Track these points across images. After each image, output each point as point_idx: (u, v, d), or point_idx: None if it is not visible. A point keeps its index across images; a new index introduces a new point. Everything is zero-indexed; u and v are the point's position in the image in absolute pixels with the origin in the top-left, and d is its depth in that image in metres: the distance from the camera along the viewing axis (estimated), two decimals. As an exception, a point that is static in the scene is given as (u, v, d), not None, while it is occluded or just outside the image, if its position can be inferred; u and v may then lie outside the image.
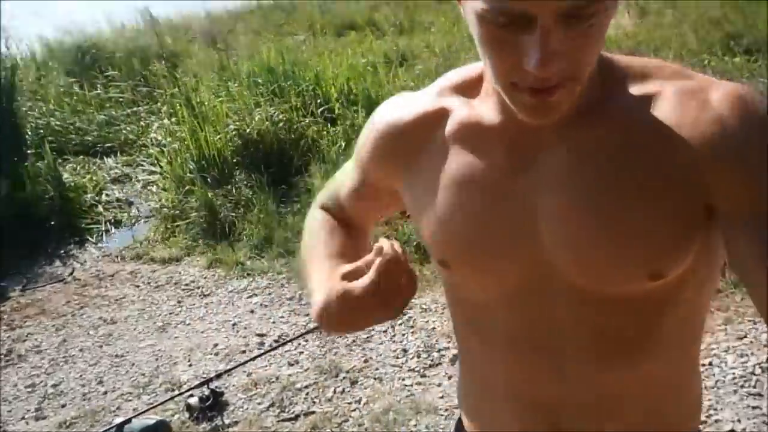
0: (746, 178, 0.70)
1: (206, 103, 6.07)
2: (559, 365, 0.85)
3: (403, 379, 2.99)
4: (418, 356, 3.14)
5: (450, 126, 0.86)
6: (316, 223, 1.06)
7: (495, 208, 0.81)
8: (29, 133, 6.10)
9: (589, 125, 0.77)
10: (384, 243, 0.79)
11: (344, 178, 1.05)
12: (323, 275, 0.90)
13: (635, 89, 0.77)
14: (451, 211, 0.84)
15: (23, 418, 3.09)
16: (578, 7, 0.62)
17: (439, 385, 2.92)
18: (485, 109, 0.83)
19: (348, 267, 0.83)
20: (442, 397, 2.83)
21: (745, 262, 0.70)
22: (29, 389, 3.31)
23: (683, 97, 0.74)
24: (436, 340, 3.23)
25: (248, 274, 4.23)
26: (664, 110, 0.74)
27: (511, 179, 0.80)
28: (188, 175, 5.40)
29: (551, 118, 0.73)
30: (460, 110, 0.86)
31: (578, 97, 0.75)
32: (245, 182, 5.19)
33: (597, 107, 0.77)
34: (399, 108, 0.93)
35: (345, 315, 0.81)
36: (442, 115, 0.87)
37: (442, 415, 2.72)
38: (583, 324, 0.82)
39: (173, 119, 6.49)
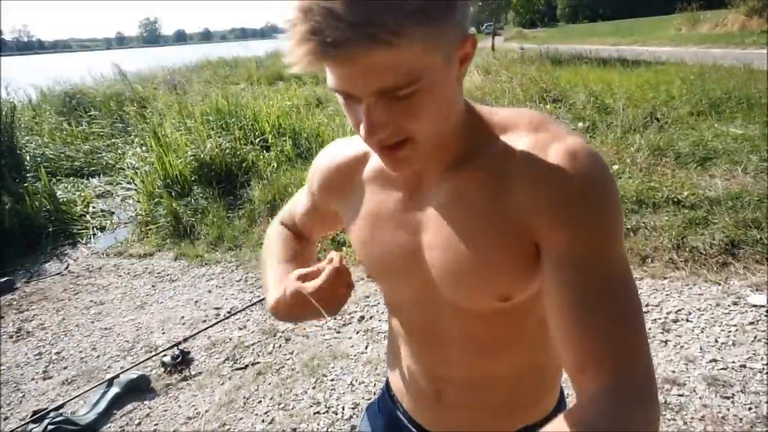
0: (560, 226, 0.62)
1: (169, 135, 5.91)
2: (443, 355, 0.81)
3: (324, 335, 3.00)
4: (334, 318, 3.13)
5: (368, 168, 0.81)
6: (274, 234, 1.00)
7: (395, 238, 0.76)
8: (28, 160, 5.75)
9: (462, 172, 0.70)
10: (334, 255, 0.75)
11: (298, 202, 0.98)
12: (277, 276, 0.86)
13: (497, 141, 0.68)
14: (368, 239, 0.80)
15: (33, 378, 2.94)
16: (392, 89, 0.56)
17: (350, 338, 2.96)
18: None
19: (303, 270, 0.77)
20: (352, 347, 2.87)
21: (549, 296, 0.63)
22: (37, 357, 3.15)
23: (531, 150, 0.65)
24: (347, 306, 3.24)
25: (206, 264, 4.16)
26: (514, 161, 0.66)
27: (408, 214, 0.75)
28: (157, 190, 5.25)
29: (408, 170, 0.68)
30: (375, 156, 0.78)
31: (451, 144, 0.69)
32: (201, 195, 5.11)
33: (469, 155, 0.69)
34: (335, 151, 0.87)
35: (294, 308, 0.77)
36: (363, 158, 0.82)
37: (352, 359, 2.76)
38: (461, 327, 0.77)
39: (144, 148, 6.28)
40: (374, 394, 1.17)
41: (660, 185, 4.02)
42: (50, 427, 2.42)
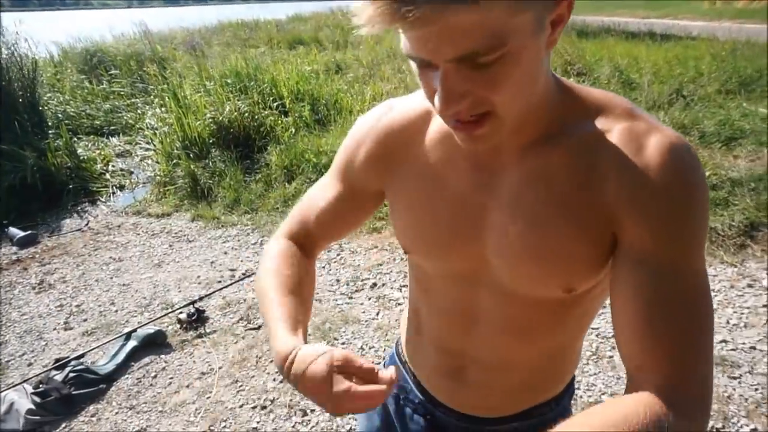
0: (647, 222, 0.58)
1: (188, 97, 5.91)
2: (472, 332, 0.79)
3: (336, 300, 3.04)
4: (347, 284, 3.20)
5: (432, 130, 0.72)
6: (277, 250, 0.82)
7: (454, 216, 0.70)
8: (49, 116, 5.81)
9: (545, 153, 0.64)
10: (393, 372, 0.61)
11: (317, 196, 0.84)
12: (288, 320, 0.71)
13: (589, 123, 0.63)
14: (424, 213, 0.73)
15: (55, 329, 3.05)
16: (473, 54, 0.50)
17: (362, 304, 3.00)
18: None
19: (347, 357, 0.63)
20: (363, 312, 2.91)
21: (620, 292, 0.60)
22: (58, 308, 3.26)
23: (625, 138, 0.60)
24: (360, 273, 3.29)
25: (222, 226, 4.21)
26: (606, 147, 0.61)
27: (471, 193, 0.69)
28: (175, 151, 5.29)
29: (483, 147, 0.61)
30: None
31: (533, 123, 0.63)
32: (219, 157, 5.14)
33: (554, 137, 0.63)
34: (388, 117, 0.76)
35: (305, 386, 0.62)
36: (427, 118, 0.73)
37: (363, 324, 2.80)
38: (504, 311, 0.74)
39: (163, 109, 6.30)
40: (384, 359, 1.16)
41: (681, 164, 3.94)
42: (71, 374, 2.52)
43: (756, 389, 2.14)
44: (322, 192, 0.84)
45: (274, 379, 2.48)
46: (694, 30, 10.33)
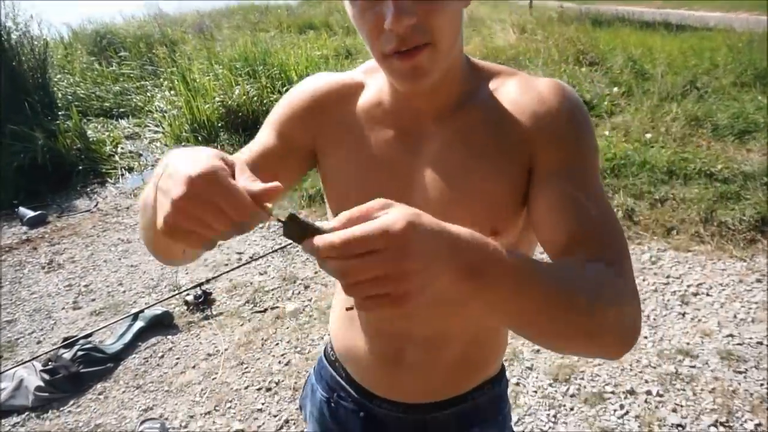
0: (555, 143, 0.68)
1: (198, 80, 5.91)
2: (407, 310, 0.76)
3: None
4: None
5: (361, 100, 0.78)
6: None
7: (382, 180, 0.74)
8: (60, 98, 5.83)
9: (460, 116, 0.72)
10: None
11: (248, 148, 0.80)
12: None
13: (488, 85, 0.74)
14: (348, 177, 0.77)
15: (63, 308, 3.09)
16: None
17: None
18: (386, 93, 0.76)
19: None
20: None
21: (542, 200, 0.67)
22: (67, 288, 3.30)
23: (519, 86, 0.72)
24: None
25: (230, 210, 4.23)
26: (508, 100, 0.71)
27: (398, 157, 0.74)
28: (184, 134, 5.31)
29: (423, 83, 0.66)
30: (371, 89, 0.78)
31: (452, 86, 0.71)
32: (227, 141, 5.16)
33: (465, 101, 0.73)
34: (323, 78, 0.81)
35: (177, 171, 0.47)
36: (357, 88, 0.79)
37: None
38: None
39: (172, 92, 6.30)
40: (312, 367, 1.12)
41: (693, 156, 3.91)
42: (80, 353, 2.55)
43: (761, 384, 2.13)
44: (253, 144, 0.80)
45: (279, 362, 2.50)
46: (711, 20, 10.16)
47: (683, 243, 3.19)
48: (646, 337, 2.45)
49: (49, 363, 2.53)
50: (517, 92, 0.72)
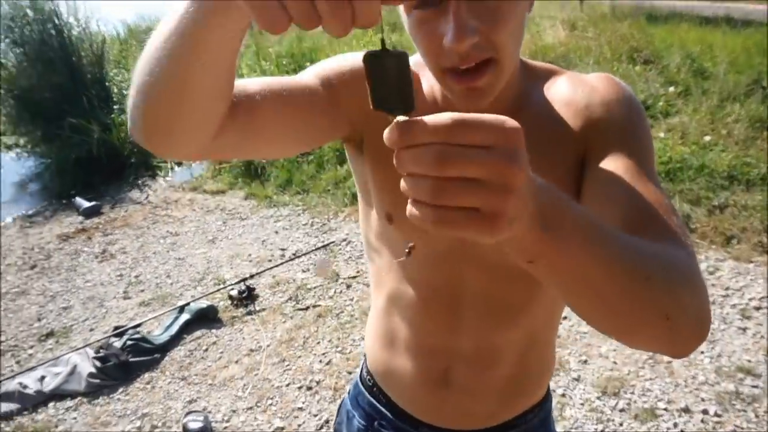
0: (610, 128, 0.65)
1: (245, 76, 6.00)
2: (456, 321, 0.76)
3: None
4: None
5: (432, 92, 0.72)
6: None
7: None
8: (115, 92, 6.03)
9: (516, 118, 0.65)
10: None
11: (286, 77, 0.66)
12: None
13: (541, 87, 0.71)
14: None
15: (114, 297, 3.20)
16: None
17: None
18: (439, 91, 0.71)
19: None
20: None
21: (596, 192, 0.63)
22: (118, 278, 3.41)
23: (572, 83, 0.70)
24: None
25: (274, 205, 4.27)
26: (561, 95, 0.69)
27: None
28: (232, 130, 5.40)
29: (483, 103, 0.61)
30: (425, 84, 0.72)
31: (508, 91, 0.67)
32: (274, 138, 5.21)
33: (520, 100, 0.70)
34: None
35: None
36: (417, 78, 0.72)
37: None
38: (482, 288, 0.73)
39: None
40: (348, 391, 1.04)
41: (757, 161, 3.69)
42: (129, 342, 2.63)
43: (831, 409, 1.99)
44: (299, 74, 0.70)
45: (320, 361, 2.50)
46: (777, 16, 9.60)
47: (744, 253, 3.02)
48: (702, 352, 2.33)
49: (101, 350, 2.61)
50: (570, 89, 0.70)
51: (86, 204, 4.39)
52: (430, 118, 0.36)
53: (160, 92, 0.48)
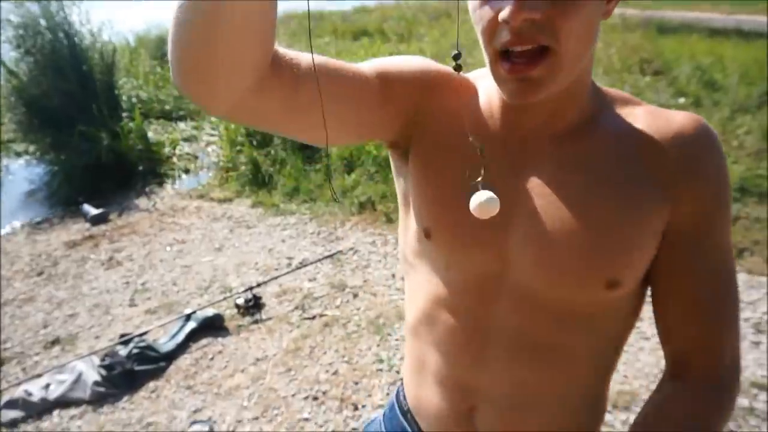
0: (698, 202, 0.60)
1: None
2: (484, 356, 0.69)
3: (391, 295, 3.02)
4: (402, 279, 3.17)
5: (470, 103, 0.67)
6: None
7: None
8: (124, 100, 6.10)
9: (583, 138, 0.62)
10: None
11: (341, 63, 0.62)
12: None
13: (615, 111, 0.64)
14: (448, 184, 0.65)
15: (120, 304, 3.20)
16: None
17: None
18: (497, 101, 0.65)
19: None
20: None
21: (673, 275, 0.61)
22: (125, 285, 3.41)
23: (652, 117, 0.62)
24: None
25: (281, 214, 4.27)
26: (638, 127, 0.62)
27: (505, 178, 0.63)
28: (239, 138, 5.41)
29: (535, 96, 0.56)
30: (482, 93, 0.67)
31: (574, 109, 0.62)
32: (281, 146, 5.21)
33: (587, 126, 0.63)
34: (432, 62, 0.70)
35: None
36: (468, 88, 0.68)
37: None
38: (520, 324, 0.66)
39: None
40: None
41: (769, 173, 3.67)
42: (135, 350, 2.63)
43: None
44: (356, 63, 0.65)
45: (326, 371, 2.49)
46: (788, 28, 9.58)
47: (757, 266, 2.99)
48: (715, 367, 2.29)
49: (106, 358, 2.61)
50: (651, 123, 0.61)
51: (94, 211, 4.42)
52: None
53: (191, 30, 0.46)
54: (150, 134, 5.75)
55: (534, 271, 0.62)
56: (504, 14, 0.51)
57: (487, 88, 0.67)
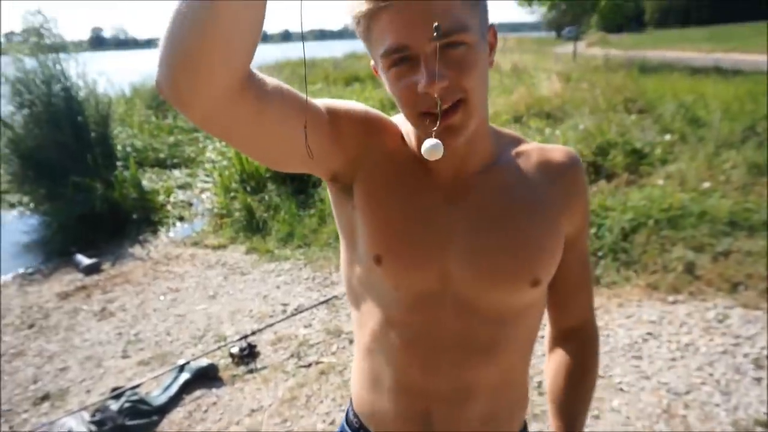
0: (582, 208, 0.80)
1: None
2: (436, 362, 0.79)
3: None
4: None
5: (403, 146, 0.78)
6: None
7: (427, 223, 0.75)
8: (119, 149, 6.17)
9: (498, 170, 0.77)
10: None
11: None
12: None
13: (512, 147, 0.80)
14: (392, 215, 0.75)
15: (113, 356, 3.14)
16: (447, 32, 0.60)
17: None
18: (417, 140, 0.76)
19: None
20: None
21: (566, 266, 0.81)
22: (117, 336, 3.35)
23: (542, 151, 0.80)
24: None
25: (276, 260, 4.26)
26: (534, 160, 0.78)
27: (443, 206, 0.75)
28: (233, 185, 5.46)
29: (458, 140, 0.68)
30: (411, 138, 0.78)
31: (482, 148, 0.76)
32: (275, 191, 5.25)
33: (496, 163, 0.78)
34: (374, 110, 0.78)
35: None
36: (400, 134, 0.78)
37: None
38: (462, 327, 0.77)
39: (223, 143, 6.55)
40: None
41: (757, 206, 3.71)
42: (126, 404, 2.56)
43: None
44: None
45: (323, 421, 2.43)
46: (765, 65, 9.89)
47: (752, 300, 2.99)
48: (718, 405, 2.26)
49: (97, 414, 2.54)
50: (542, 156, 0.79)
51: (86, 261, 4.39)
52: None
53: (188, 24, 0.49)
54: (144, 182, 5.79)
55: (473, 280, 0.74)
56: (422, 87, 0.62)
57: (408, 128, 0.78)
